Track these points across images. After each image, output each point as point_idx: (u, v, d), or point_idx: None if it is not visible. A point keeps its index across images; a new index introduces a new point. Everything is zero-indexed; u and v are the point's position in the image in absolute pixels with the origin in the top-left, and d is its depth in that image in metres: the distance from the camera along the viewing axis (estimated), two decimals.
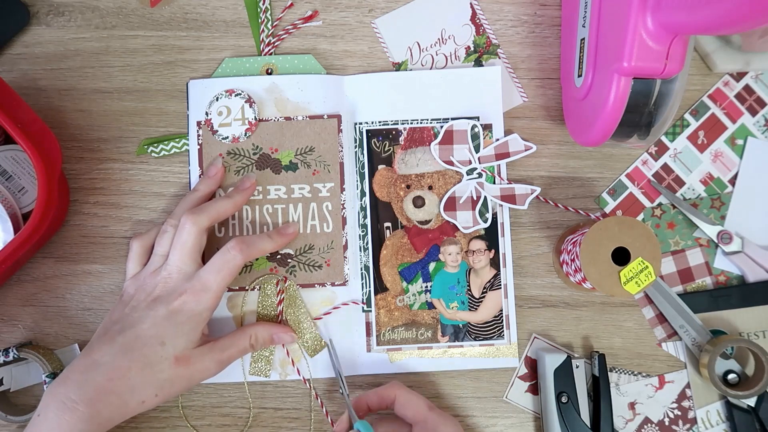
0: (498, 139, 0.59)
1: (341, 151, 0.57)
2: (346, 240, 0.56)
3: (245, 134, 0.57)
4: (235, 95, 0.57)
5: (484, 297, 0.58)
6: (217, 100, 0.57)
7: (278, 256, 0.56)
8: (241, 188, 0.55)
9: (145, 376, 0.48)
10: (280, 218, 0.57)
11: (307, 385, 0.57)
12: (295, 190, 0.57)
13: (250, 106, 0.57)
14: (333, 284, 0.56)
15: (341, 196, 0.57)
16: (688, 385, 0.58)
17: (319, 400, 0.57)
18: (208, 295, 0.50)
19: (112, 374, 0.47)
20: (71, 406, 0.45)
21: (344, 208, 0.57)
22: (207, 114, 0.58)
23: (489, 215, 0.58)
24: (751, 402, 0.55)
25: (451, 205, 0.58)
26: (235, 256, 0.51)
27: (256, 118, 0.57)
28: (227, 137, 0.57)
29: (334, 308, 0.58)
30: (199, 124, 0.58)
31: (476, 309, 0.58)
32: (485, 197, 0.58)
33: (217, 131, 0.57)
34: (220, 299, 0.52)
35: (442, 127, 0.59)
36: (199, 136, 0.58)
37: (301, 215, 0.57)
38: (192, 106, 0.58)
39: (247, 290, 0.57)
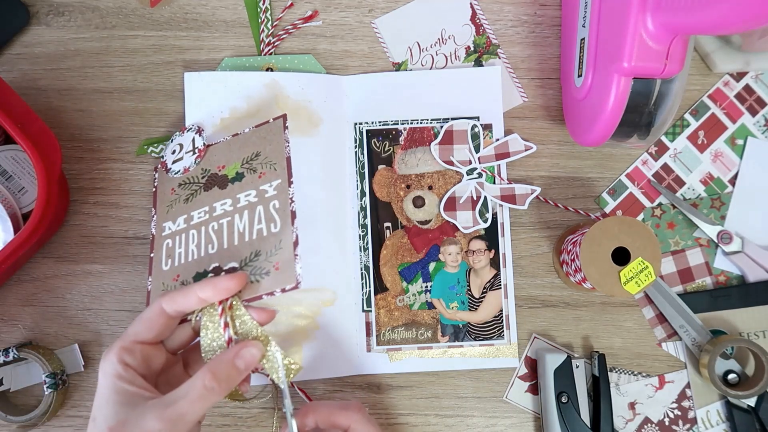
0: (498, 139, 0.59)
1: (287, 146, 0.52)
2: (297, 236, 0.48)
3: (195, 162, 0.55)
4: (187, 131, 0.57)
5: (484, 297, 0.58)
6: (171, 141, 0.57)
7: (222, 273, 0.48)
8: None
9: None
10: (226, 233, 0.50)
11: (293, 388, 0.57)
12: (241, 199, 0.52)
13: (200, 135, 0.56)
14: (283, 290, 0.45)
15: (289, 190, 0.50)
16: (688, 385, 0.58)
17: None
18: (118, 343, 0.42)
19: None
20: None
21: (293, 202, 0.49)
22: (162, 157, 0.57)
23: (489, 215, 0.58)
24: (751, 402, 0.55)
25: (451, 205, 0.58)
26: (158, 305, 0.43)
27: (204, 144, 0.56)
28: (179, 170, 0.55)
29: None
30: (156, 168, 0.57)
31: (476, 309, 0.58)
32: (485, 197, 0.58)
33: (170, 169, 0.56)
34: (127, 343, 0.42)
35: (442, 127, 0.59)
36: (155, 179, 0.57)
37: (247, 222, 0.50)
38: (188, 100, 0.58)
39: (190, 320, 0.47)
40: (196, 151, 0.55)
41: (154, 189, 0.56)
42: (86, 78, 0.60)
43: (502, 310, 0.58)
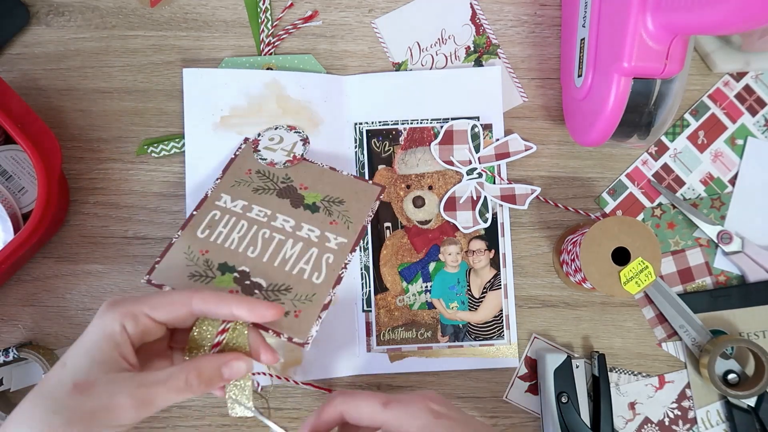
0: (498, 139, 0.59)
1: (370, 215, 0.54)
2: (330, 300, 0.48)
3: (284, 164, 0.55)
4: (295, 132, 0.57)
5: (484, 297, 0.58)
6: (275, 129, 0.57)
7: (247, 282, 0.49)
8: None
9: (35, 406, 0.36)
10: (272, 248, 0.50)
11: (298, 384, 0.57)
12: (304, 229, 0.52)
13: (303, 145, 0.56)
14: (290, 339, 0.45)
15: (349, 255, 0.51)
16: (688, 385, 0.58)
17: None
18: (120, 302, 0.40)
19: (22, 403, 0.37)
20: None
21: (345, 268, 0.50)
22: (259, 135, 0.57)
23: (489, 215, 0.58)
24: (751, 402, 0.55)
25: (451, 205, 0.58)
26: (189, 297, 0.41)
27: (302, 155, 0.56)
28: (266, 159, 0.56)
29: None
30: (246, 140, 0.57)
31: (476, 309, 0.58)
32: (485, 197, 0.58)
33: (259, 151, 0.56)
34: (137, 311, 0.40)
35: (442, 127, 0.59)
36: (239, 147, 0.57)
37: (297, 254, 0.50)
38: (187, 97, 0.58)
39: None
40: (291, 155, 0.56)
41: (233, 156, 0.56)
42: (86, 78, 0.60)
43: (502, 310, 0.58)
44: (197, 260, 0.50)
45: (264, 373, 0.56)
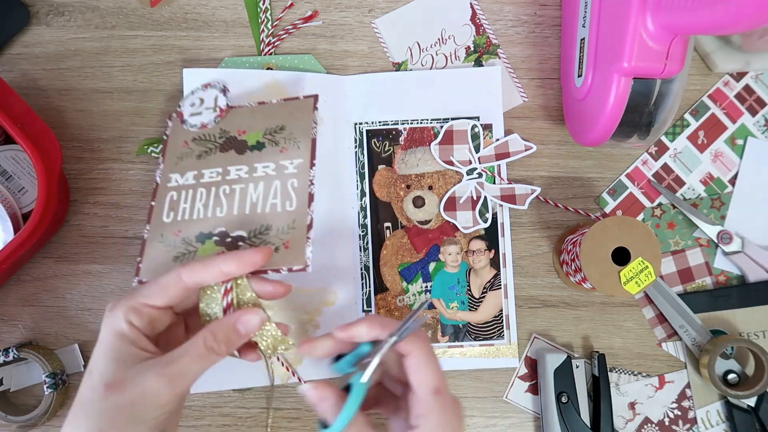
0: (498, 139, 0.59)
1: (314, 126, 0.51)
2: (312, 219, 0.47)
3: (214, 120, 0.54)
4: (211, 87, 0.55)
5: (484, 297, 0.58)
6: (192, 93, 0.56)
7: (228, 239, 0.48)
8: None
9: (77, 418, 0.38)
10: (237, 199, 0.49)
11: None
12: (258, 168, 0.50)
13: (224, 95, 0.55)
14: (290, 270, 0.44)
15: (310, 172, 0.49)
16: (688, 385, 0.58)
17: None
18: (119, 301, 0.41)
19: (62, 429, 0.39)
20: None
21: (312, 184, 0.48)
22: (179, 106, 0.56)
23: (489, 215, 0.58)
24: (751, 402, 0.55)
25: (451, 205, 0.58)
26: (177, 274, 0.41)
27: (227, 105, 0.54)
28: (195, 125, 0.54)
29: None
30: (169, 116, 0.56)
31: (476, 309, 0.58)
32: (485, 197, 0.58)
33: (186, 121, 0.55)
34: (137, 304, 0.40)
35: (442, 127, 0.59)
36: (168, 127, 0.55)
37: (262, 194, 0.49)
38: (187, 95, 0.58)
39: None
40: (218, 109, 0.54)
41: (165, 138, 0.55)
42: (86, 78, 0.60)
43: (502, 310, 0.58)
44: (174, 243, 0.49)
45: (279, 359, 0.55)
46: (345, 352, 0.42)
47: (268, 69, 0.59)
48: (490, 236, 0.58)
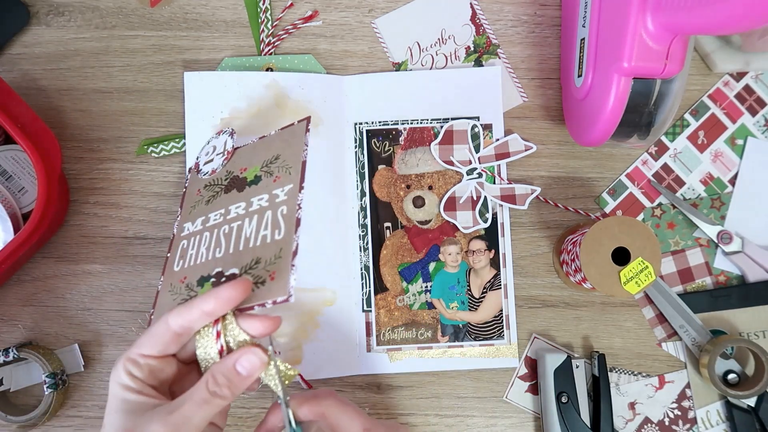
0: (498, 139, 0.59)
1: (305, 149, 0.50)
2: (297, 245, 0.44)
3: (222, 164, 0.54)
4: (222, 133, 0.56)
5: (484, 297, 0.58)
6: (207, 143, 0.57)
7: (223, 279, 0.46)
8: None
9: None
10: (234, 237, 0.48)
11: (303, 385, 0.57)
12: (254, 203, 0.49)
13: (232, 137, 0.55)
14: (274, 302, 0.41)
15: (298, 196, 0.47)
16: (688, 385, 0.58)
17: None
18: (126, 353, 0.41)
19: None
20: None
21: (299, 208, 0.46)
22: (197, 158, 0.57)
23: (489, 215, 0.58)
24: (751, 402, 0.55)
25: (451, 205, 0.58)
26: (165, 320, 0.41)
27: (233, 146, 0.55)
28: (207, 172, 0.55)
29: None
30: (190, 170, 0.57)
31: (476, 309, 0.58)
32: (485, 197, 0.58)
33: (201, 170, 0.56)
34: (134, 355, 0.41)
35: (442, 127, 0.59)
36: (186, 179, 0.56)
37: (255, 227, 0.48)
38: (188, 100, 0.58)
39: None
40: (225, 153, 0.55)
41: (184, 189, 0.56)
42: (86, 78, 0.60)
43: (502, 310, 0.58)
44: (179, 290, 0.49)
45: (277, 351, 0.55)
46: None
47: (268, 69, 0.59)
48: (490, 236, 0.58)
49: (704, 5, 0.39)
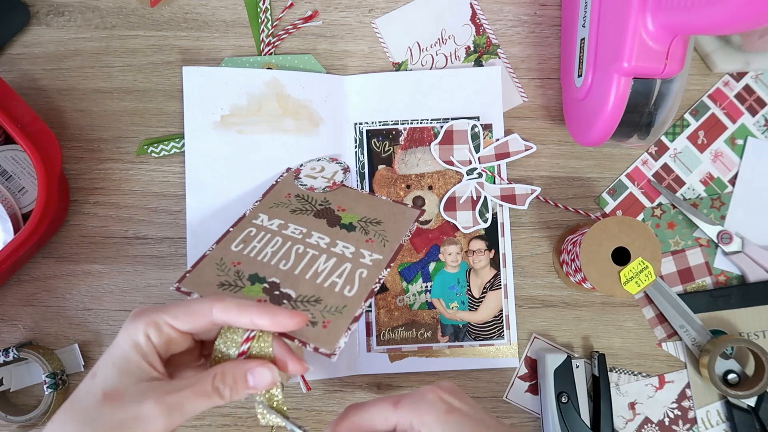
0: (498, 139, 0.59)
1: (407, 236, 0.53)
2: (362, 313, 0.46)
3: (323, 189, 0.56)
4: (337, 163, 0.58)
5: (484, 297, 0.58)
6: (318, 160, 0.58)
7: (276, 292, 0.48)
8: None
9: (65, 417, 0.37)
10: (305, 262, 0.50)
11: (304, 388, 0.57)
12: (339, 245, 0.52)
13: (344, 173, 0.58)
14: (316, 349, 0.42)
15: (383, 272, 0.50)
16: (688, 385, 0.58)
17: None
18: (144, 311, 0.40)
19: (49, 423, 0.38)
20: None
21: (378, 283, 0.48)
22: (301, 165, 0.58)
23: (489, 215, 0.58)
24: (751, 402, 0.55)
25: (451, 205, 0.58)
26: (209, 307, 0.40)
27: (342, 182, 0.57)
28: (306, 185, 0.57)
29: None
30: (288, 169, 0.58)
31: (476, 309, 0.58)
32: (485, 197, 0.58)
33: (300, 178, 0.57)
34: (160, 320, 0.39)
35: (442, 127, 0.59)
36: (281, 175, 0.57)
37: (329, 268, 0.50)
38: (187, 95, 0.57)
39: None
40: (331, 182, 0.57)
41: (274, 182, 0.57)
42: (86, 78, 0.60)
43: (502, 310, 0.58)
44: (228, 270, 0.49)
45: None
46: None
47: (268, 69, 0.59)
48: (490, 236, 0.58)
49: (704, 5, 0.39)
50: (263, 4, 0.60)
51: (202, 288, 0.48)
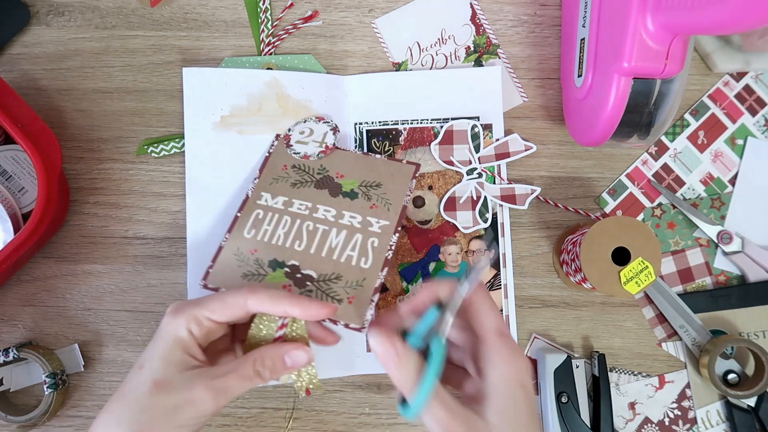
0: (498, 139, 0.59)
1: (408, 195, 0.54)
2: (381, 283, 0.49)
3: (317, 155, 0.56)
4: (324, 122, 0.58)
5: None
6: (304, 122, 0.58)
7: (298, 275, 0.50)
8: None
9: (119, 407, 0.40)
10: (318, 239, 0.51)
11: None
12: (346, 216, 0.53)
13: (334, 134, 0.57)
14: (347, 326, 0.45)
15: (392, 237, 0.51)
16: (688, 385, 0.58)
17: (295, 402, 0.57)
18: (184, 307, 0.42)
19: (101, 414, 0.41)
20: None
21: (390, 249, 0.51)
22: (289, 130, 0.58)
23: (489, 215, 0.58)
24: (751, 402, 0.55)
25: (451, 205, 0.58)
26: (244, 298, 0.42)
27: (334, 144, 0.57)
28: (299, 153, 0.56)
29: None
30: (276, 136, 0.58)
31: None
32: (485, 197, 0.58)
33: (291, 146, 0.57)
34: (200, 315, 0.42)
35: (442, 127, 0.59)
36: (272, 145, 0.57)
37: (342, 242, 0.51)
38: (187, 96, 0.58)
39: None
40: (323, 145, 0.56)
41: (267, 154, 0.57)
42: (86, 78, 0.60)
43: (501, 311, 0.58)
44: (248, 260, 0.51)
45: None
46: (409, 327, 0.41)
47: (268, 69, 0.59)
48: (490, 236, 0.58)
49: (704, 5, 0.39)
50: (263, 4, 0.60)
51: (227, 282, 0.50)
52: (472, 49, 0.61)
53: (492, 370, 0.38)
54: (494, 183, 0.59)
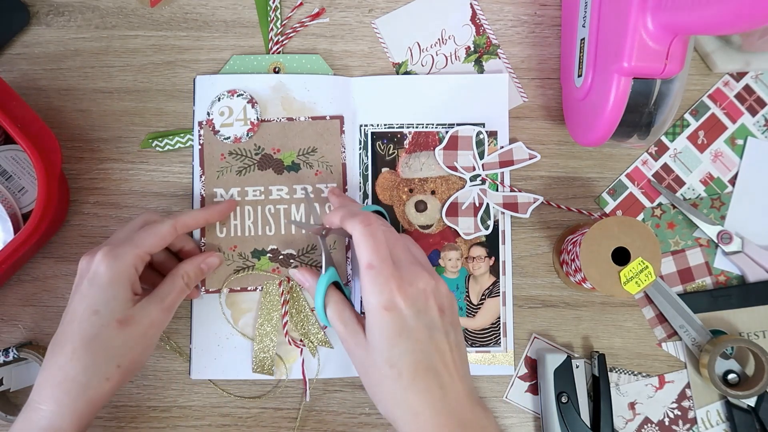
0: (502, 147, 0.59)
1: (344, 152, 0.57)
2: (349, 241, 0.55)
3: (247, 134, 0.57)
4: (237, 95, 0.57)
5: (482, 304, 0.58)
6: (219, 100, 0.57)
7: (281, 256, 0.56)
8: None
9: (94, 351, 0.45)
10: (282, 218, 0.57)
11: (306, 386, 0.57)
12: (297, 190, 0.57)
13: (252, 107, 0.57)
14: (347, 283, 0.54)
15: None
16: (688, 385, 0.58)
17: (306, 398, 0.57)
18: (123, 249, 0.48)
19: (59, 360, 0.45)
20: (34, 406, 0.46)
21: None
22: (209, 114, 0.58)
23: (490, 222, 0.58)
24: (751, 402, 0.55)
25: (453, 210, 0.58)
26: (172, 225, 0.51)
27: (258, 119, 0.57)
28: (229, 137, 0.57)
29: None
30: (201, 124, 0.58)
31: (474, 315, 0.58)
32: (488, 204, 0.58)
33: (218, 131, 0.57)
34: (142, 253, 0.48)
35: (447, 132, 0.59)
36: (200, 136, 0.58)
37: (303, 215, 0.57)
38: (198, 103, 0.58)
39: (249, 291, 0.57)
40: (248, 123, 0.57)
41: (200, 146, 0.58)
42: (86, 78, 0.60)
43: (499, 318, 0.58)
44: (232, 257, 0.57)
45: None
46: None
47: (275, 68, 0.59)
48: (491, 243, 0.58)
49: (704, 5, 0.39)
50: (273, 3, 0.60)
51: (223, 281, 0.56)
52: (472, 49, 0.61)
53: (364, 297, 0.44)
54: (497, 190, 0.59)
